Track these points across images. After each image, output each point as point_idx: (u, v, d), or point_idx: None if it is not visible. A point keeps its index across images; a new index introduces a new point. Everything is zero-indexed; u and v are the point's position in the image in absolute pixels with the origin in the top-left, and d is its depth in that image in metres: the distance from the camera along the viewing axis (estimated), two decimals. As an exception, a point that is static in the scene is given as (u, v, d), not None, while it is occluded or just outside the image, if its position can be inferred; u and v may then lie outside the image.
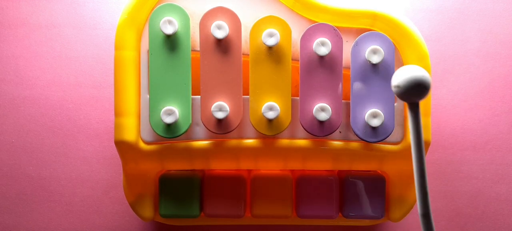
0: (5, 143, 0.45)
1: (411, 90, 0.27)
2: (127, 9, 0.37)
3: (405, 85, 0.27)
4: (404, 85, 0.27)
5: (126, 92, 0.37)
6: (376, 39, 0.37)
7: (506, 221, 0.45)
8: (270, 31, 0.36)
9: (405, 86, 0.27)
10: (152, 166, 0.39)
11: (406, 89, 0.27)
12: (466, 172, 0.45)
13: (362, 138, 0.38)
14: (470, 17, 0.45)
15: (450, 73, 0.45)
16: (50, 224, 0.45)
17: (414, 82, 0.26)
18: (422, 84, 0.26)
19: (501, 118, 0.45)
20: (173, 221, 0.43)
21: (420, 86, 0.27)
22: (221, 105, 0.37)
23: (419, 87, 0.27)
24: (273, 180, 0.40)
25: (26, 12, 0.45)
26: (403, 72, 0.27)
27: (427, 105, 0.38)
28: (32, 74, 0.45)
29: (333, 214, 0.40)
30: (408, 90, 0.27)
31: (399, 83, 0.27)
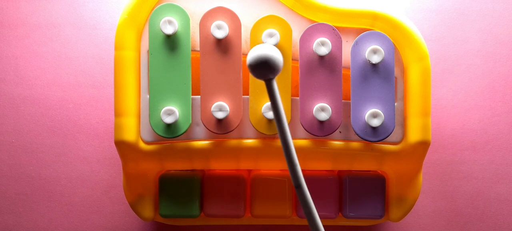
0: (5, 143, 0.45)
1: (260, 68, 0.28)
2: (127, 9, 0.37)
3: (253, 64, 0.28)
4: (252, 63, 0.28)
5: (126, 92, 0.37)
6: (376, 39, 0.37)
7: (506, 221, 0.45)
8: (270, 31, 0.36)
9: (253, 65, 0.28)
10: (152, 166, 0.39)
11: (254, 67, 0.28)
12: (466, 172, 0.45)
13: (362, 138, 0.38)
14: (470, 17, 0.45)
15: (450, 73, 0.45)
16: (50, 224, 0.45)
17: (259, 60, 0.28)
18: (267, 61, 0.28)
19: (501, 118, 0.45)
20: (173, 221, 0.43)
21: (266, 64, 0.28)
22: (221, 106, 0.37)
23: (266, 65, 0.28)
24: (273, 180, 0.40)
25: (26, 12, 0.45)
26: (251, 51, 0.28)
27: (427, 105, 0.38)
28: (32, 74, 0.45)
29: (333, 214, 0.40)
30: (257, 68, 0.28)
31: (249, 63, 0.28)
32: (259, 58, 0.28)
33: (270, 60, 0.28)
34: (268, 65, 0.28)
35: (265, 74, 0.28)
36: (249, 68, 0.29)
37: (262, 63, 0.28)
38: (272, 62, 0.28)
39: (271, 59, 0.28)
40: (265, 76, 0.29)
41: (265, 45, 0.29)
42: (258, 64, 0.28)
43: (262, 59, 0.28)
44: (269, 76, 0.29)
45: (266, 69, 0.28)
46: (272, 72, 0.28)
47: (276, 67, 0.28)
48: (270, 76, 0.29)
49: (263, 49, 0.28)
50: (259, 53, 0.28)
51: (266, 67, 0.28)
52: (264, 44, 0.29)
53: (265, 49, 0.28)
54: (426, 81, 0.37)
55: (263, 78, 0.29)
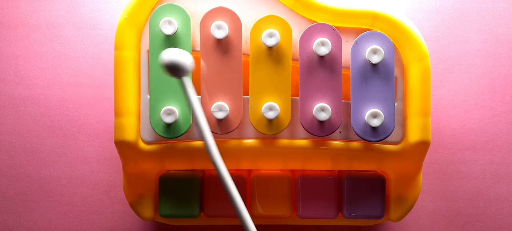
0: (5, 143, 0.45)
1: (170, 71, 0.32)
2: (127, 9, 0.37)
3: (164, 67, 0.32)
4: (163, 66, 0.32)
5: (126, 92, 0.37)
6: (376, 39, 0.37)
7: (506, 221, 0.45)
8: (270, 32, 0.36)
9: (164, 68, 0.32)
10: (152, 166, 0.39)
11: (166, 70, 0.32)
12: (466, 172, 0.45)
13: (362, 138, 0.38)
14: (470, 17, 0.45)
15: (450, 73, 0.45)
16: (50, 224, 0.45)
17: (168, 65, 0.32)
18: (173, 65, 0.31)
19: (501, 118, 0.45)
20: (173, 221, 0.43)
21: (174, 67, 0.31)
22: (221, 106, 0.37)
23: (174, 67, 0.31)
24: (273, 180, 0.40)
25: (26, 12, 0.45)
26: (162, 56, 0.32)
27: (427, 105, 0.38)
28: (32, 74, 0.45)
29: (333, 214, 0.40)
30: (168, 70, 0.32)
31: (161, 65, 0.32)
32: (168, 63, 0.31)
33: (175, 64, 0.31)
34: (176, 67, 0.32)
35: (179, 74, 0.32)
36: (164, 70, 0.32)
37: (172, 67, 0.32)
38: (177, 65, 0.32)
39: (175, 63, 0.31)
40: (179, 76, 0.32)
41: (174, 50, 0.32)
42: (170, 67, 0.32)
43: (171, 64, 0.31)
44: (181, 77, 0.32)
45: (177, 71, 0.32)
46: (182, 74, 0.32)
47: (185, 69, 0.32)
48: (182, 77, 0.32)
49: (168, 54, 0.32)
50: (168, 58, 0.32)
51: (176, 69, 0.32)
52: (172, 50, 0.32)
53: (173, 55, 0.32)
54: (426, 81, 0.37)
55: (176, 78, 0.32)
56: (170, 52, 0.32)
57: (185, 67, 0.32)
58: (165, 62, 0.31)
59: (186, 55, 0.32)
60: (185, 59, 0.32)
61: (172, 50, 0.32)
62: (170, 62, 0.31)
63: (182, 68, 0.32)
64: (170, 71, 0.32)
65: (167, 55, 0.31)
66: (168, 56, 0.31)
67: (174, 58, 0.31)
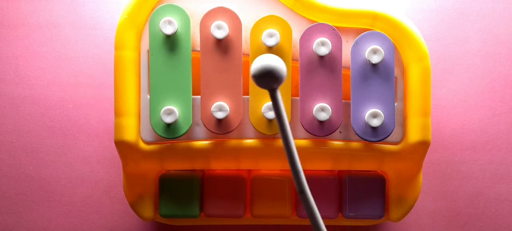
0: (5, 143, 0.45)
1: (264, 79, 0.28)
2: (127, 9, 0.37)
3: (257, 74, 0.28)
4: (256, 74, 0.28)
5: (126, 92, 0.37)
6: (376, 39, 0.37)
7: (506, 221, 0.45)
8: (270, 32, 0.36)
9: (257, 75, 0.28)
10: (152, 166, 0.39)
11: (258, 78, 0.28)
12: (466, 172, 0.45)
13: (362, 138, 0.38)
14: (470, 17, 0.45)
15: (450, 73, 0.45)
16: (50, 224, 0.45)
17: (263, 71, 0.28)
18: (271, 72, 0.28)
19: (501, 118, 0.45)
20: (173, 221, 0.43)
21: (270, 75, 0.28)
22: (221, 106, 0.37)
23: (270, 76, 0.28)
24: (273, 180, 0.40)
25: (26, 12, 0.45)
26: (255, 62, 0.28)
27: (427, 105, 0.38)
28: (32, 74, 0.45)
29: (333, 214, 0.40)
30: (261, 79, 0.28)
31: (253, 73, 0.28)
32: (263, 69, 0.28)
33: (274, 71, 0.28)
34: (272, 75, 0.28)
35: (270, 84, 0.29)
36: (253, 79, 0.29)
37: (266, 73, 0.28)
38: (276, 73, 0.28)
39: (275, 70, 0.28)
40: (269, 86, 0.29)
41: (269, 56, 0.29)
42: (262, 75, 0.28)
43: (266, 70, 0.28)
44: (273, 86, 0.29)
45: (270, 80, 0.28)
46: (276, 82, 0.28)
47: (280, 78, 0.28)
48: (274, 86, 0.29)
49: (267, 60, 0.28)
50: (263, 64, 0.28)
51: (270, 77, 0.28)
52: (268, 55, 0.29)
53: (269, 60, 0.28)
54: (426, 81, 0.37)
55: (267, 88, 0.29)
56: (266, 58, 0.28)
57: (282, 76, 0.28)
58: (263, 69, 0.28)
59: (282, 62, 0.29)
60: (282, 66, 0.28)
61: (267, 56, 0.29)
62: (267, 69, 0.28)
63: (280, 78, 0.28)
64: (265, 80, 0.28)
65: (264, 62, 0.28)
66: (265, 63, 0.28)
67: (272, 65, 0.28)
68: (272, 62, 0.28)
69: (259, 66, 0.28)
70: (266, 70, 0.28)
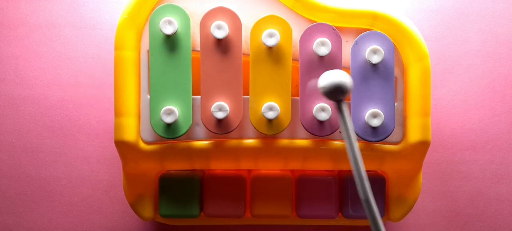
0: (5, 143, 0.45)
1: (334, 92, 0.32)
2: (127, 9, 0.37)
3: (329, 87, 0.32)
4: (328, 87, 0.32)
5: (126, 92, 0.37)
6: (376, 39, 0.37)
7: (506, 221, 0.45)
8: (270, 32, 0.36)
9: (329, 88, 0.32)
10: (152, 166, 0.39)
11: (329, 90, 0.32)
12: (466, 172, 0.45)
13: (362, 138, 0.38)
14: (470, 17, 0.45)
15: (450, 73, 0.45)
16: (50, 224, 0.45)
17: (336, 85, 0.31)
18: (342, 87, 0.31)
19: (501, 118, 0.45)
20: (173, 221, 0.43)
21: (340, 89, 0.31)
22: (221, 106, 0.37)
23: (340, 90, 0.31)
24: (273, 180, 0.40)
25: (26, 12, 0.45)
26: (327, 76, 0.32)
27: (427, 105, 0.38)
28: (32, 74, 0.45)
29: (333, 214, 0.40)
30: (331, 91, 0.32)
31: (324, 85, 0.32)
32: (334, 85, 0.31)
33: (343, 86, 0.31)
34: (341, 89, 0.32)
35: (338, 97, 0.32)
36: (323, 91, 0.32)
37: (336, 88, 0.31)
38: (345, 87, 0.31)
39: (345, 85, 0.31)
40: (337, 98, 0.32)
41: (338, 72, 0.32)
42: (333, 89, 0.31)
43: (337, 85, 0.31)
44: (340, 98, 0.32)
45: (339, 93, 0.32)
46: (344, 95, 0.32)
47: (348, 91, 0.32)
48: (341, 98, 0.32)
49: (337, 76, 0.32)
50: (334, 80, 0.31)
51: (342, 91, 0.32)
52: (336, 71, 0.32)
53: (339, 76, 0.32)
54: (426, 81, 0.37)
55: (335, 100, 0.32)
56: (335, 74, 0.32)
57: (348, 89, 0.32)
58: (335, 84, 0.31)
59: (347, 75, 0.32)
60: (349, 80, 0.32)
61: (336, 72, 0.32)
62: (338, 84, 0.31)
63: (347, 90, 0.32)
64: (336, 94, 0.32)
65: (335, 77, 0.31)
66: (336, 78, 0.31)
67: (342, 80, 0.31)
68: (342, 78, 0.32)
69: (330, 81, 0.32)
70: (338, 85, 0.31)
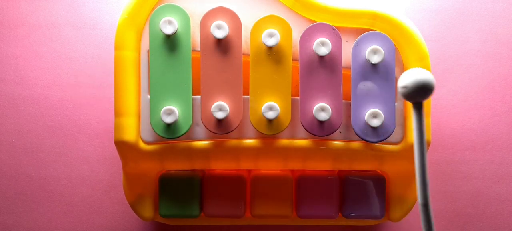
0: (5, 143, 0.45)
1: (418, 91, 0.29)
2: (127, 9, 0.37)
3: (413, 87, 0.29)
4: (412, 86, 0.29)
5: (126, 92, 0.37)
6: (376, 39, 0.37)
7: (506, 221, 0.45)
8: (270, 32, 0.36)
9: (413, 88, 0.29)
10: (152, 166, 0.39)
11: (413, 90, 0.29)
12: (466, 172, 0.45)
13: (362, 138, 0.38)
14: (470, 17, 0.45)
15: (450, 73, 0.45)
16: (50, 224, 0.45)
17: (421, 84, 0.29)
18: (429, 86, 0.29)
19: (501, 118, 0.45)
20: (173, 221, 0.43)
21: (426, 88, 0.29)
22: (221, 106, 0.37)
23: (426, 89, 0.29)
24: (273, 180, 0.40)
25: (26, 12, 0.45)
26: (411, 74, 0.29)
27: (427, 105, 0.38)
28: (32, 74, 0.45)
29: (333, 214, 0.40)
30: (415, 91, 0.29)
31: (407, 84, 0.29)
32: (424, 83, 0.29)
33: (432, 86, 0.29)
34: (430, 90, 0.29)
35: (423, 97, 0.29)
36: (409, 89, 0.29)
37: (425, 87, 0.29)
38: (432, 88, 0.29)
39: (433, 86, 0.29)
40: (421, 99, 0.29)
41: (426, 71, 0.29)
42: (422, 88, 0.29)
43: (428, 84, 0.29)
44: (423, 100, 0.30)
45: (427, 93, 0.29)
46: (428, 97, 0.29)
47: (432, 94, 0.29)
48: (423, 100, 0.30)
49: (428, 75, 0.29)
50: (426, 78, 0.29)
51: (427, 91, 0.29)
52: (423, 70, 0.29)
53: (429, 75, 0.29)
54: (426, 81, 0.37)
55: (416, 101, 0.30)
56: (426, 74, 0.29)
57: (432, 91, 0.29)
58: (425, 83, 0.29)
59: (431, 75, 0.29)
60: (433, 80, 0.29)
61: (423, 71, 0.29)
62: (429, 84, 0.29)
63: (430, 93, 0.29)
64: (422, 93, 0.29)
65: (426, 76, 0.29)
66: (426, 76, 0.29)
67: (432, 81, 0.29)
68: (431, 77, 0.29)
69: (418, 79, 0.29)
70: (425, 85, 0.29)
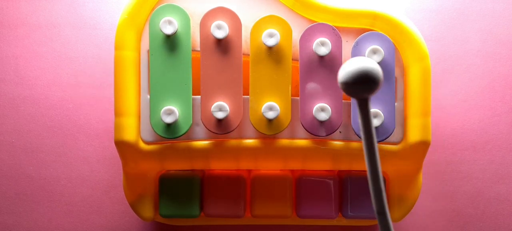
0: (5, 143, 0.45)
1: (362, 86, 0.23)
2: (127, 9, 0.37)
3: (354, 81, 0.23)
4: (352, 81, 0.23)
5: (126, 92, 0.37)
6: (376, 39, 0.37)
7: (506, 221, 0.45)
8: (270, 32, 0.36)
9: (354, 82, 0.23)
10: (152, 166, 0.39)
11: (353, 84, 0.23)
12: (466, 172, 0.45)
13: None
14: (470, 17, 0.45)
15: (450, 73, 0.45)
16: (50, 224, 0.45)
17: (364, 77, 0.23)
18: (373, 78, 0.23)
19: (501, 118, 0.45)
20: (173, 221, 0.43)
21: (370, 80, 0.23)
22: (221, 106, 0.37)
23: (370, 82, 0.23)
24: (273, 180, 0.40)
25: (26, 12, 0.45)
26: (351, 67, 0.24)
27: (427, 105, 0.38)
28: (32, 74, 0.45)
29: (333, 214, 0.40)
30: (355, 85, 0.23)
31: (347, 80, 0.23)
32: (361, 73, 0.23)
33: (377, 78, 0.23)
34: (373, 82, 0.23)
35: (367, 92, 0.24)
36: (344, 85, 0.24)
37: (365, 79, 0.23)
38: (377, 80, 0.23)
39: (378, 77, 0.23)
40: (362, 95, 0.24)
41: (366, 59, 0.24)
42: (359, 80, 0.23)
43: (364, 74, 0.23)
44: (366, 96, 0.24)
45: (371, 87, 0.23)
46: (373, 92, 0.24)
47: (378, 86, 0.24)
48: (367, 96, 0.24)
49: (365, 62, 0.23)
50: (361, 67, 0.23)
51: (370, 84, 0.23)
52: (364, 58, 0.24)
53: (368, 63, 0.23)
54: (426, 81, 0.37)
55: (360, 97, 0.24)
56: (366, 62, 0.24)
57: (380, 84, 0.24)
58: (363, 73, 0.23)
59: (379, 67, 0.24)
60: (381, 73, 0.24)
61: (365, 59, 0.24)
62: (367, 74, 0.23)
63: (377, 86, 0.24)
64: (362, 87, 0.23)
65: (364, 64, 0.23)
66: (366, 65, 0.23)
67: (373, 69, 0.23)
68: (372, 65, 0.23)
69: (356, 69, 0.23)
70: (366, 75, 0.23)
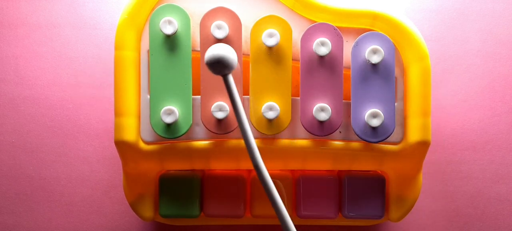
0: (5, 143, 0.45)
1: (216, 66, 0.32)
2: (127, 9, 0.37)
3: (209, 62, 0.32)
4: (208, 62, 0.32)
5: (126, 92, 0.37)
6: (376, 39, 0.37)
7: (506, 221, 0.45)
8: (270, 32, 0.36)
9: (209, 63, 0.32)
10: (152, 166, 0.39)
11: (211, 65, 0.32)
12: (466, 172, 0.45)
13: (362, 138, 0.38)
14: (470, 17, 0.45)
15: (450, 73, 0.45)
16: (50, 224, 0.45)
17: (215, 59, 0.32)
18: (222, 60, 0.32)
19: (501, 118, 0.45)
20: (173, 221, 0.43)
21: (220, 62, 0.32)
22: (221, 105, 0.37)
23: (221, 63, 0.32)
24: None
25: (26, 12, 0.45)
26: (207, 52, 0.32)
27: (427, 105, 0.38)
28: (32, 74, 0.45)
29: (333, 214, 0.40)
30: (213, 66, 0.32)
31: (206, 61, 0.32)
32: (214, 58, 0.32)
33: (224, 59, 0.32)
34: (222, 63, 0.32)
35: (224, 70, 0.32)
36: (207, 66, 0.32)
37: (217, 61, 0.32)
38: (226, 61, 0.32)
39: (225, 58, 0.32)
40: (222, 73, 0.32)
41: (220, 45, 0.32)
42: (214, 62, 0.32)
43: (217, 58, 0.32)
44: (225, 72, 0.32)
45: (223, 67, 0.32)
46: (227, 69, 0.32)
47: (230, 65, 0.32)
48: (226, 72, 0.32)
49: (218, 49, 0.32)
50: (214, 53, 0.32)
51: (222, 65, 0.32)
52: (219, 44, 0.32)
53: (220, 49, 0.32)
54: (426, 81, 0.37)
55: (221, 74, 0.32)
56: (216, 47, 0.32)
57: (231, 63, 0.32)
58: (212, 57, 0.32)
59: (231, 50, 0.32)
60: (231, 54, 0.32)
61: (218, 45, 0.32)
62: (216, 57, 0.32)
63: (229, 65, 0.32)
64: (216, 67, 0.32)
65: (213, 51, 0.32)
66: (214, 51, 0.32)
67: (220, 53, 0.32)
68: (222, 51, 0.32)
69: (211, 55, 0.32)
70: (217, 59, 0.32)
